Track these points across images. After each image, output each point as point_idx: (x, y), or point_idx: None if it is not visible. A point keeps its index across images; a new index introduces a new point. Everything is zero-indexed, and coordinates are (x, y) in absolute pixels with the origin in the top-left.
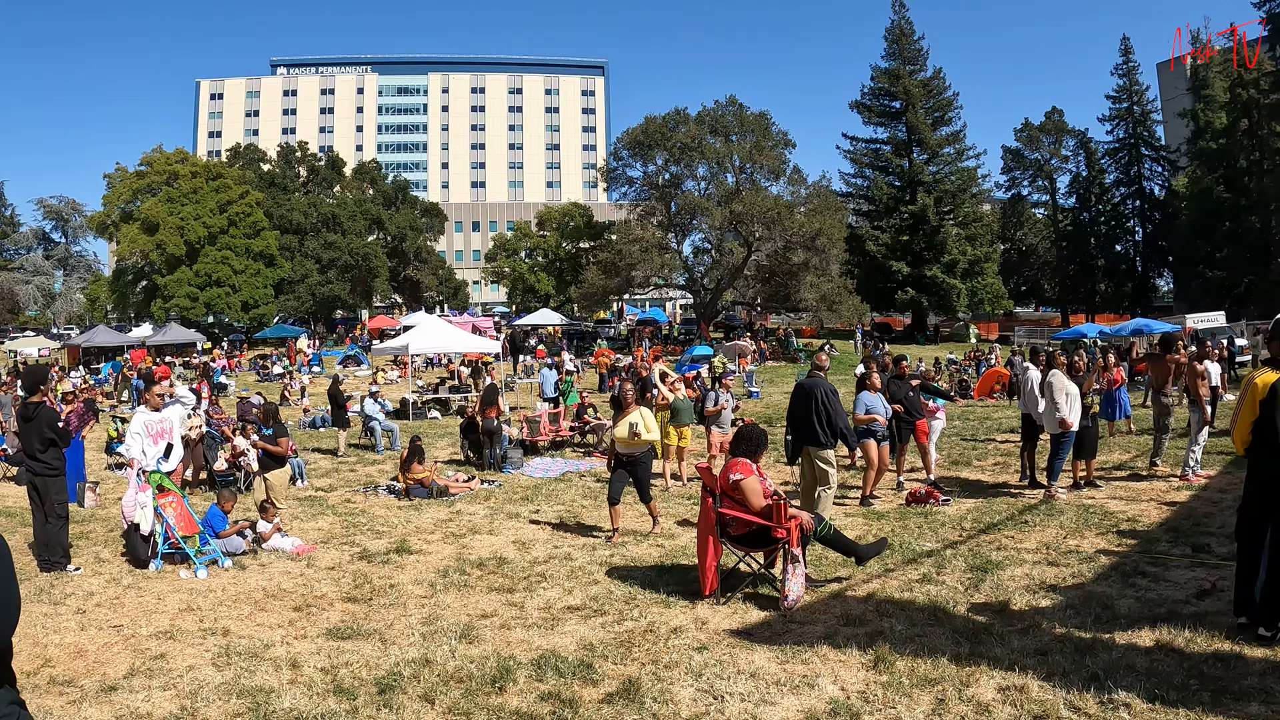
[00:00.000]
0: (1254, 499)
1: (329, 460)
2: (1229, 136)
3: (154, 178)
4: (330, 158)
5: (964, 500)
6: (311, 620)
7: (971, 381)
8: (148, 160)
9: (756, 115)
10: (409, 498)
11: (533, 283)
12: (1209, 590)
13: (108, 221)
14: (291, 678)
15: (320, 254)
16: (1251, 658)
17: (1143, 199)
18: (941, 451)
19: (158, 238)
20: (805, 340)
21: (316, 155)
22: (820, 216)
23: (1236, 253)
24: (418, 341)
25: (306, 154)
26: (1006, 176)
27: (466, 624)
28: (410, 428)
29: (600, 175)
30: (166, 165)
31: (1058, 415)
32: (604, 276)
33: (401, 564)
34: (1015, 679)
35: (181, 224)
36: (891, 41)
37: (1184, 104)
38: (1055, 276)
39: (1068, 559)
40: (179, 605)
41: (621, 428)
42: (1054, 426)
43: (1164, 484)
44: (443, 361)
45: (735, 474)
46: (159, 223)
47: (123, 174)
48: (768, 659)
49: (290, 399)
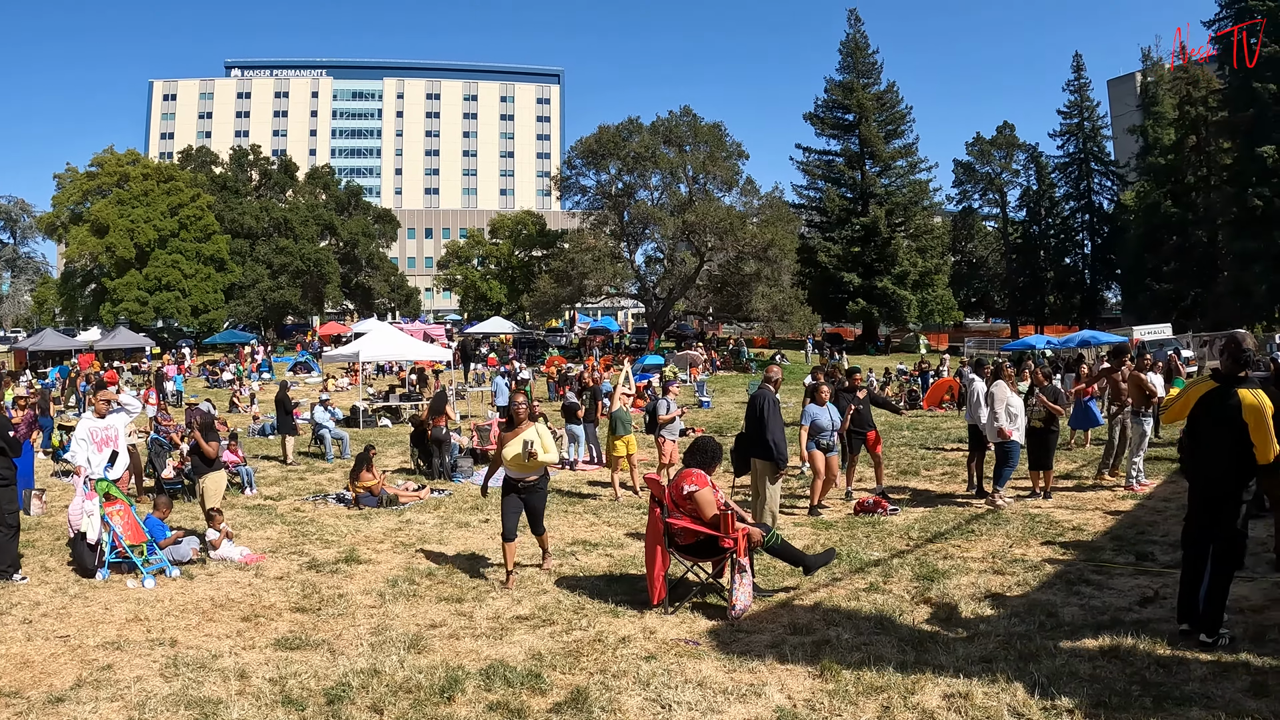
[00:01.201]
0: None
1: (278, 468)
2: (1177, 152)
3: (105, 179)
4: (283, 162)
5: (911, 510)
6: (260, 630)
7: (920, 392)
8: (98, 161)
9: (710, 126)
10: (358, 507)
11: (485, 291)
12: (1152, 598)
13: (57, 223)
14: (240, 688)
15: (271, 259)
16: (1194, 663)
17: (1092, 213)
18: (891, 461)
19: (107, 240)
20: (757, 350)
21: (269, 159)
22: (772, 227)
23: (1184, 266)
24: (369, 349)
25: (259, 157)
26: (958, 189)
27: (415, 634)
28: (361, 436)
29: (554, 184)
30: (118, 166)
31: (997, 425)
32: (556, 285)
33: (350, 573)
34: (960, 686)
35: (132, 226)
36: (846, 55)
37: (1133, 120)
38: (1005, 288)
39: (1013, 568)
40: (126, 615)
41: (514, 446)
42: (994, 436)
43: (1109, 493)
44: (394, 369)
45: (689, 485)
46: (109, 225)
47: (73, 174)
48: (715, 668)
49: (240, 406)
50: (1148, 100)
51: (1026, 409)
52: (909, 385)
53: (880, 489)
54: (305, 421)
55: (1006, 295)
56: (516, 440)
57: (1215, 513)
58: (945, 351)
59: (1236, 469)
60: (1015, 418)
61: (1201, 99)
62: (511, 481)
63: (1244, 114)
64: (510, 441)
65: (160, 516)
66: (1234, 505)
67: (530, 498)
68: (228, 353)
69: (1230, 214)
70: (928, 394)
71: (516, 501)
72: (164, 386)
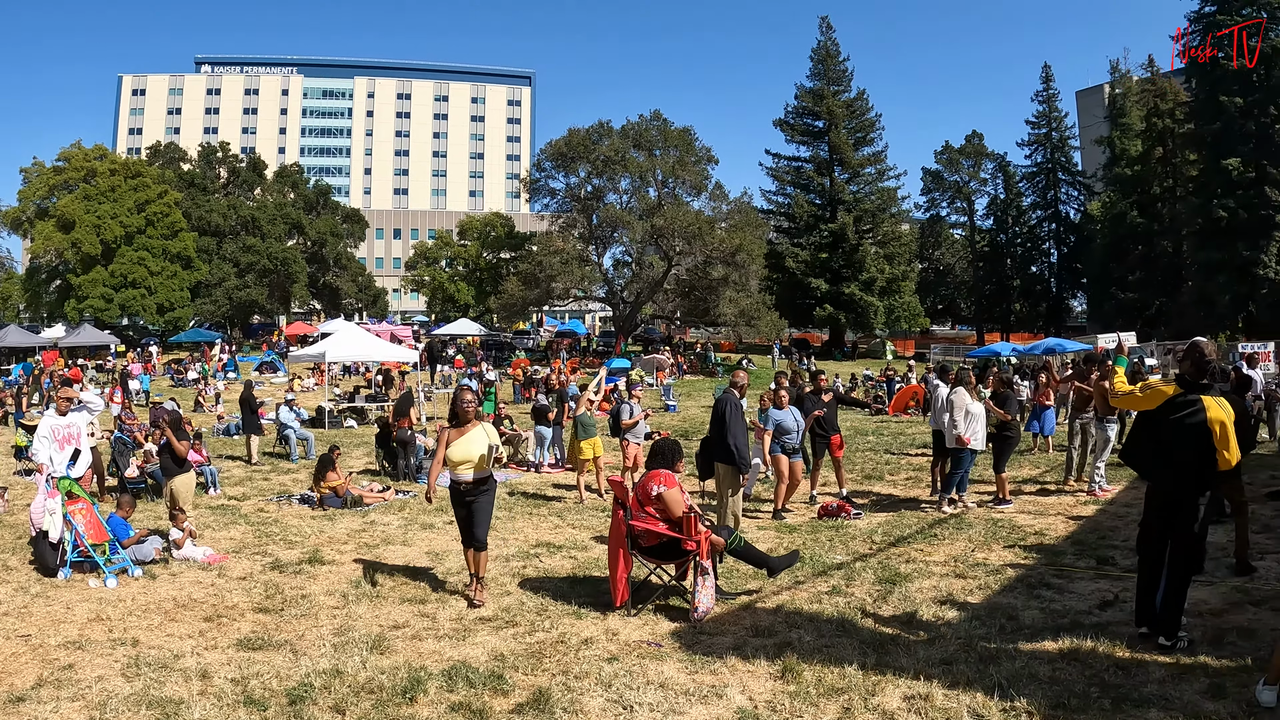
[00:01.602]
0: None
1: (242, 468)
2: (1144, 163)
3: (71, 174)
4: (252, 159)
5: (875, 514)
6: (222, 631)
7: (886, 398)
8: (66, 156)
9: (680, 130)
10: (322, 507)
11: (452, 292)
12: (1111, 601)
13: (22, 218)
14: (202, 688)
15: (238, 257)
16: (1152, 666)
17: (1059, 222)
18: (855, 466)
19: (73, 236)
20: (724, 355)
21: (238, 156)
22: (741, 232)
23: (1149, 275)
24: (335, 349)
25: (228, 155)
26: (926, 197)
27: (378, 635)
28: (326, 436)
29: (523, 186)
30: (85, 162)
31: (954, 432)
32: (524, 287)
33: (314, 574)
34: (920, 688)
35: (98, 222)
36: (817, 62)
37: (1101, 131)
38: (971, 296)
39: (975, 571)
40: (88, 615)
41: (466, 446)
42: (951, 442)
43: (1071, 499)
44: (360, 370)
45: (658, 486)
46: (75, 220)
47: (39, 169)
48: (677, 669)
49: (205, 405)
50: (1115, 112)
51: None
52: (875, 391)
53: (843, 493)
54: (270, 422)
55: (973, 303)
56: (466, 439)
57: (1173, 517)
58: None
59: (1198, 475)
60: (974, 425)
61: (1169, 111)
62: (458, 485)
63: (1210, 126)
64: (457, 440)
65: (123, 516)
66: (1191, 510)
67: (477, 500)
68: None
69: (1195, 225)
70: (893, 400)
71: (465, 507)
72: (129, 385)
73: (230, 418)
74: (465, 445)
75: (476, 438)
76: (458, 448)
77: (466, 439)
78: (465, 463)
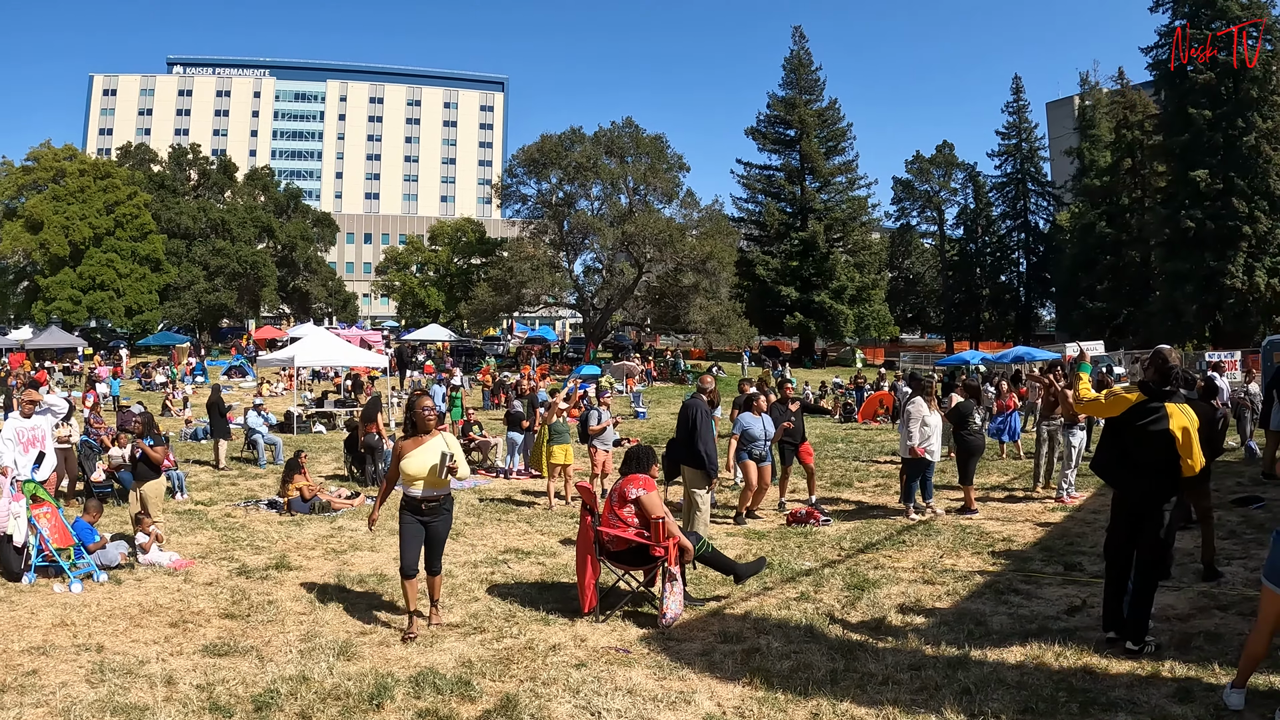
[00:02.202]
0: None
1: (209, 473)
2: (1113, 174)
3: (40, 174)
4: (223, 162)
5: (844, 521)
6: (188, 636)
7: (855, 405)
8: (35, 155)
9: (652, 138)
10: (290, 513)
11: (423, 297)
12: (1079, 606)
13: None
14: (167, 695)
15: (208, 260)
16: (1119, 671)
17: (1028, 232)
18: (824, 473)
19: (41, 236)
20: (693, 362)
21: (209, 158)
22: (711, 240)
23: (1117, 285)
24: (304, 354)
25: (198, 157)
26: (896, 206)
27: (345, 641)
28: (294, 441)
29: (495, 192)
30: (54, 161)
31: (909, 443)
32: (494, 294)
33: (281, 580)
34: (888, 693)
35: (67, 223)
36: (790, 71)
37: (1070, 142)
38: (941, 304)
39: (943, 578)
40: (52, 620)
41: (421, 457)
42: (905, 452)
43: (1039, 505)
44: (330, 375)
45: (635, 489)
46: (43, 221)
47: (8, 168)
48: (645, 675)
49: (173, 409)
50: (1085, 123)
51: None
52: (844, 399)
53: (813, 500)
54: (238, 426)
55: (942, 311)
56: (424, 449)
57: (1139, 524)
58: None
59: (1163, 482)
60: (929, 436)
61: (1137, 123)
62: (413, 501)
63: (1179, 138)
64: (413, 451)
65: (89, 520)
66: (1157, 516)
67: (434, 521)
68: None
69: (1163, 235)
70: (862, 407)
71: (418, 527)
72: (97, 388)
73: (198, 422)
74: (421, 457)
75: (433, 447)
76: (413, 459)
77: (423, 449)
78: (418, 478)
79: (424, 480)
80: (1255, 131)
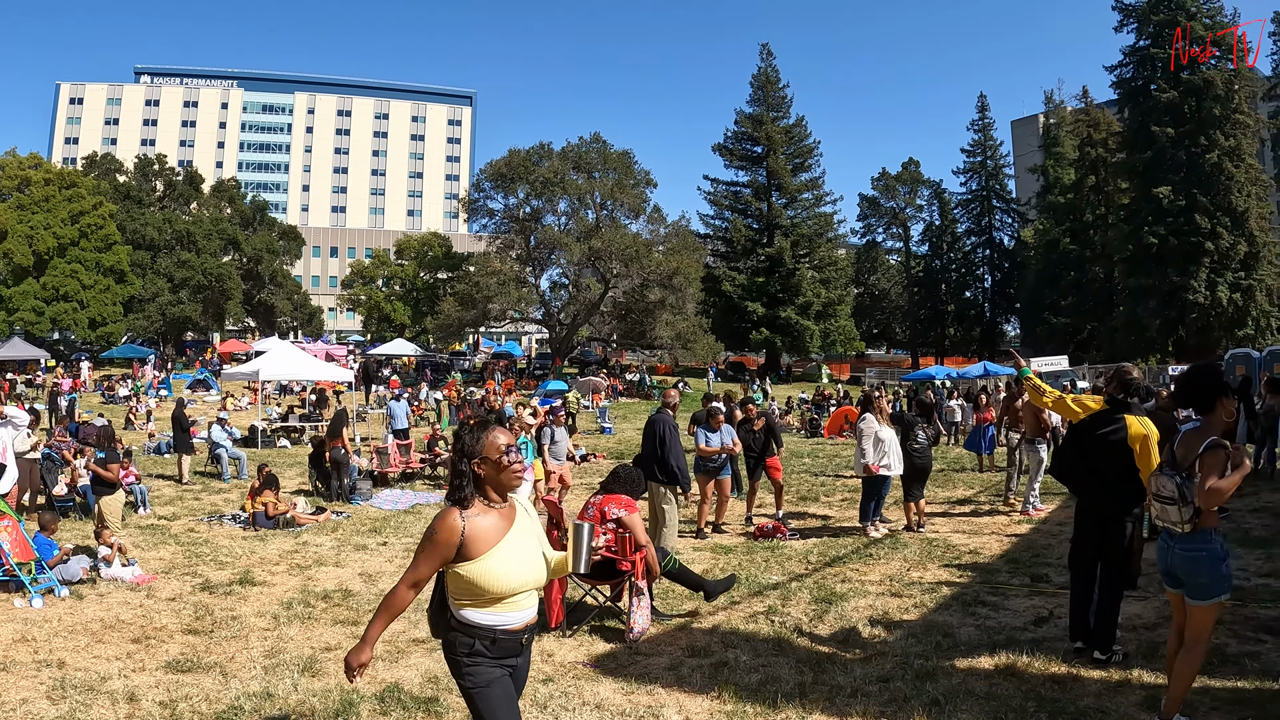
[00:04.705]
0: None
1: (173, 488)
2: (1077, 191)
3: (5, 182)
4: (189, 173)
5: (811, 535)
6: (150, 653)
7: (821, 420)
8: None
9: (619, 153)
10: (254, 528)
11: (389, 312)
12: (1047, 617)
13: None
14: (129, 712)
15: (173, 273)
16: (1087, 680)
17: (993, 248)
18: (791, 488)
19: (5, 246)
20: (660, 378)
21: (175, 169)
22: (678, 256)
23: (1080, 301)
24: (268, 367)
25: (165, 167)
26: (862, 223)
27: (309, 657)
28: (259, 456)
29: (462, 206)
30: (19, 170)
31: (863, 461)
32: (460, 308)
33: (245, 595)
34: (857, 705)
35: (31, 233)
36: (757, 88)
37: (1035, 159)
38: (906, 320)
39: (910, 590)
40: (13, 635)
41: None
42: (860, 470)
43: (1005, 518)
44: (295, 389)
45: (617, 510)
46: (7, 230)
47: None
48: (613, 690)
49: (136, 423)
50: (1049, 141)
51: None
52: (810, 414)
53: (780, 514)
54: (202, 440)
55: (908, 327)
56: (518, 535)
57: (1103, 533)
58: (847, 381)
59: (1122, 492)
60: (885, 453)
61: (1101, 141)
62: (507, 638)
63: (1142, 156)
64: (502, 543)
65: (48, 535)
66: (1120, 526)
67: (525, 659)
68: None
69: (1126, 251)
70: (828, 422)
71: (507, 682)
72: (58, 401)
73: (161, 436)
74: (519, 548)
75: (527, 529)
76: (506, 555)
77: (518, 535)
78: (519, 591)
79: (527, 594)
80: (1217, 149)
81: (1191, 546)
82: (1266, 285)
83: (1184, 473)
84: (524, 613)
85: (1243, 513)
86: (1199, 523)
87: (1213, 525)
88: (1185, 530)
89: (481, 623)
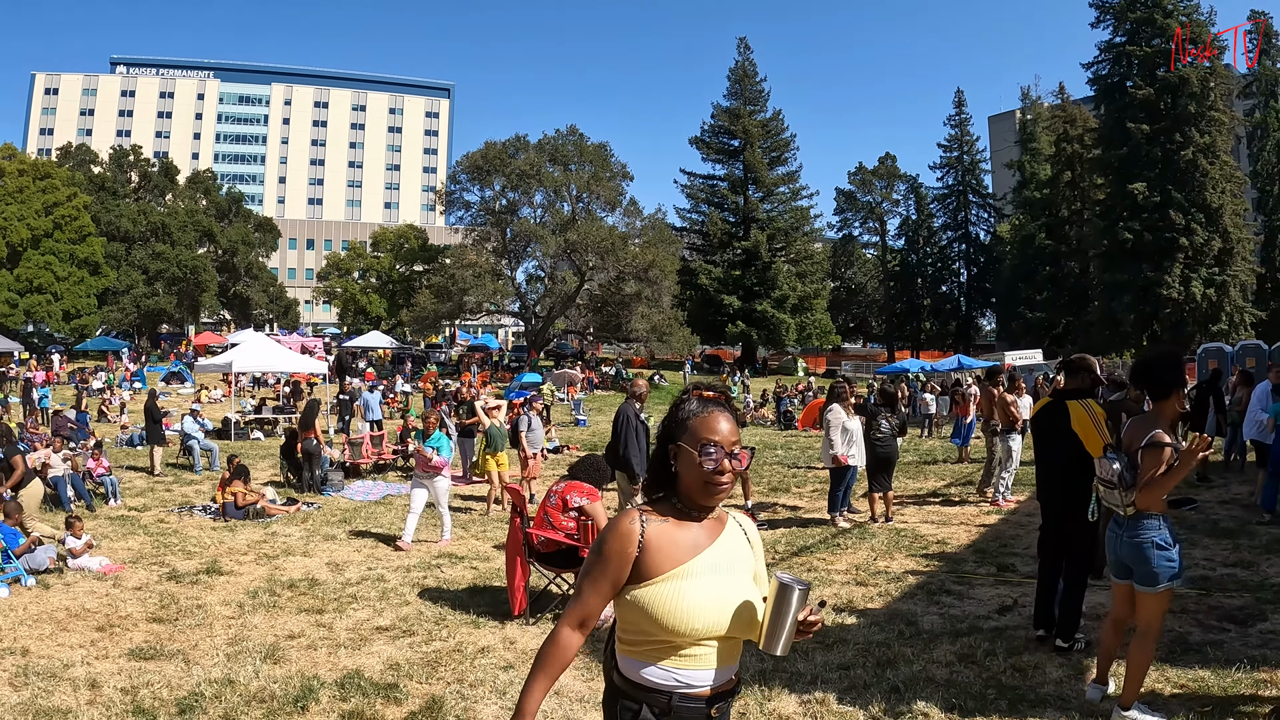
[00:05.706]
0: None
1: (145, 479)
2: (1052, 187)
3: None
4: (164, 164)
5: (779, 525)
6: (114, 640)
7: (795, 413)
8: None
9: (596, 146)
10: (224, 518)
11: (364, 304)
12: (1011, 606)
13: None
14: (90, 698)
15: (148, 264)
16: (1049, 667)
17: (969, 243)
18: (762, 479)
19: None
20: (635, 370)
21: (150, 161)
22: (654, 249)
23: (1056, 295)
24: (242, 359)
25: (140, 158)
26: (839, 217)
27: (273, 644)
28: (231, 447)
29: (438, 198)
30: None
31: (830, 452)
32: (436, 301)
33: (211, 584)
34: (817, 693)
35: (4, 224)
36: (735, 81)
37: (1012, 155)
38: (882, 314)
39: (876, 579)
40: None
41: (718, 583)
42: (828, 461)
43: (974, 509)
44: (270, 381)
45: (579, 498)
46: None
47: None
48: (573, 677)
49: (109, 415)
50: (1026, 136)
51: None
52: (784, 407)
53: (748, 505)
54: (175, 432)
55: (884, 321)
56: (719, 553)
57: (1066, 522)
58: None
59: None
60: (852, 443)
61: (1077, 137)
62: (689, 704)
63: (1117, 152)
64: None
65: (12, 524)
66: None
67: None
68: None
69: (1101, 247)
70: (802, 414)
71: None
72: (31, 395)
73: (134, 428)
74: (716, 585)
75: (734, 550)
76: (697, 586)
77: (717, 554)
78: (714, 636)
79: (717, 648)
80: (1192, 146)
81: (1136, 533)
82: (1240, 281)
83: (1127, 457)
84: (710, 672)
85: (1212, 504)
86: (1139, 506)
87: (1158, 511)
88: (1128, 514)
89: (651, 680)
